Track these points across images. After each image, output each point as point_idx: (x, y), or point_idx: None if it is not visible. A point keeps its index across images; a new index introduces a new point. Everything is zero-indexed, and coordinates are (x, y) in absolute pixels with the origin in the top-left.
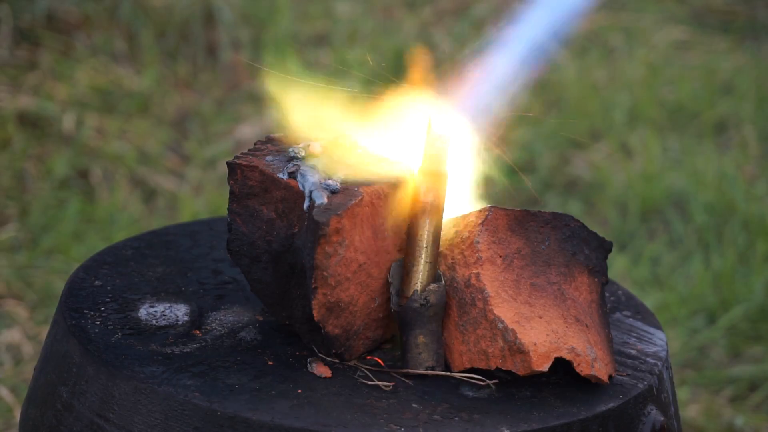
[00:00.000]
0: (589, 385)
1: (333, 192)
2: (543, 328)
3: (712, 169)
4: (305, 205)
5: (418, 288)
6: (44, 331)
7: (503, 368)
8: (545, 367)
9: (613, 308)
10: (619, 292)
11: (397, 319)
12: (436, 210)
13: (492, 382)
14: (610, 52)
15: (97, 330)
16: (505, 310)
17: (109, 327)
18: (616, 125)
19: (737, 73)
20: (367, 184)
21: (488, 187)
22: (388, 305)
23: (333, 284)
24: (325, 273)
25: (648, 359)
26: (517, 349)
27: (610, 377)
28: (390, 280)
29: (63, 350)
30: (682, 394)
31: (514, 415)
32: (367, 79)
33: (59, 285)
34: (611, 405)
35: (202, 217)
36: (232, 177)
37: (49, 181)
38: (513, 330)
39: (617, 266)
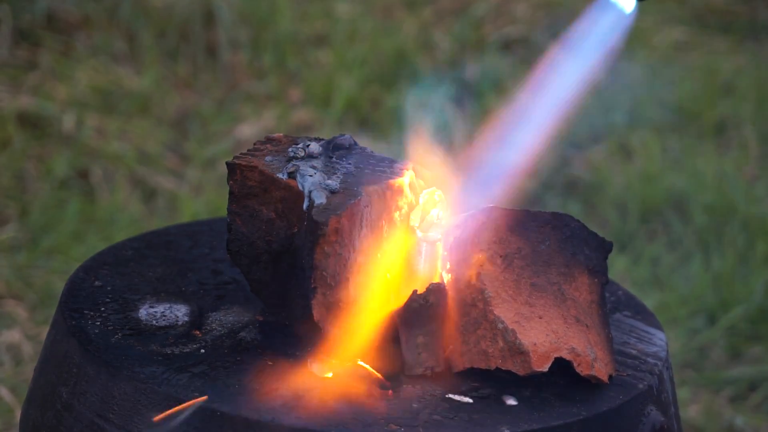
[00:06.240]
0: (589, 385)
1: (332, 192)
2: (543, 328)
3: (712, 169)
4: (305, 205)
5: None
6: (44, 331)
7: (503, 368)
8: (545, 367)
9: (613, 308)
10: (619, 292)
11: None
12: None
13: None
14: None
15: (97, 330)
16: (505, 310)
17: (109, 327)
18: (617, 126)
19: (737, 73)
20: (367, 184)
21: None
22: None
23: (332, 284)
24: (324, 273)
25: (648, 359)
26: (517, 350)
27: (610, 377)
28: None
29: (63, 350)
30: (682, 394)
31: (514, 415)
32: None
33: (59, 285)
34: (611, 405)
35: (202, 218)
36: (232, 177)
37: (49, 181)
38: (513, 330)
39: (617, 267)
